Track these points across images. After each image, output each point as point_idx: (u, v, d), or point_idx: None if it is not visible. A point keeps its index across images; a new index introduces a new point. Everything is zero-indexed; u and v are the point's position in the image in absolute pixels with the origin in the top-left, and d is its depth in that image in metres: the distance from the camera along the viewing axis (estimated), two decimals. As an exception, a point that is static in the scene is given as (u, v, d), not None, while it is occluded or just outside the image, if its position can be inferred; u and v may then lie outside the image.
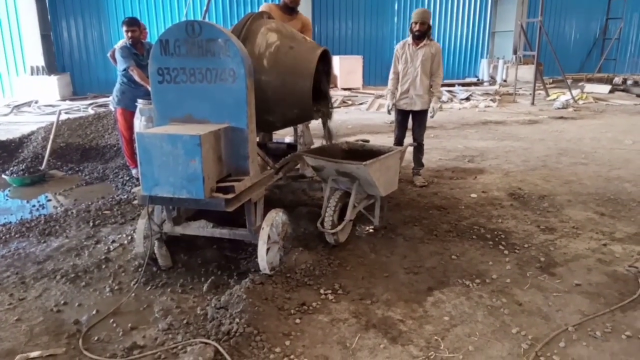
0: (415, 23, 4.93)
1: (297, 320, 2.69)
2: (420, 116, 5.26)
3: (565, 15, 19.02)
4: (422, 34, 4.95)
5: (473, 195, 5.01)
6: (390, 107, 5.28)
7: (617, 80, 15.69)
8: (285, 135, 5.95)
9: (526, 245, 3.72)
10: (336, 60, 15.67)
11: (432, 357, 2.41)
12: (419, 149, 5.40)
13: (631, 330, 2.60)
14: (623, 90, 14.41)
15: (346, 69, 15.46)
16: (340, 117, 10.77)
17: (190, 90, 3.04)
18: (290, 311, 2.77)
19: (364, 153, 4.19)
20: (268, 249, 3.13)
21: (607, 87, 14.43)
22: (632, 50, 19.94)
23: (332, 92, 12.88)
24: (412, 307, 2.86)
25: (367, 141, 4.46)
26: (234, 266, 3.39)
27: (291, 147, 4.59)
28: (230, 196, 2.80)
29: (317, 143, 6.97)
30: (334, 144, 4.27)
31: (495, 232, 3.98)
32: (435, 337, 2.56)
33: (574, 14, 19.16)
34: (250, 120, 3.01)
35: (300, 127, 4.49)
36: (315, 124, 4.16)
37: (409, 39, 5.09)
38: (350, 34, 17.03)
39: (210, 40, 2.93)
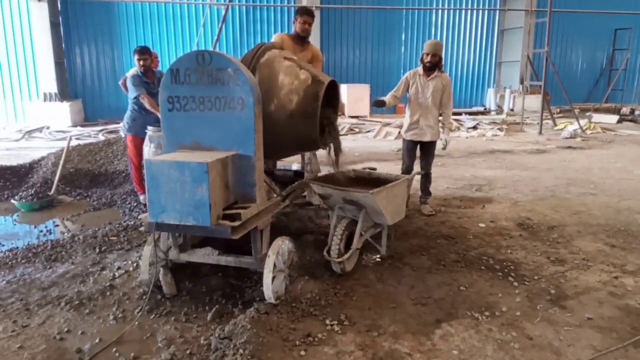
0: (427, 54, 4.92)
1: (302, 352, 2.63)
2: (429, 147, 5.25)
3: (572, 45, 19.20)
4: (434, 66, 4.94)
5: (481, 224, 4.96)
6: (387, 100, 5.02)
7: (625, 110, 15.68)
8: (292, 163, 5.98)
9: (536, 277, 3.66)
10: (344, 89, 15.86)
11: (440, 393, 2.34)
12: (426, 178, 5.41)
13: (646, 367, 2.53)
14: (631, 121, 14.40)
15: (354, 97, 15.63)
16: (347, 144, 10.83)
17: (199, 118, 3.08)
18: (295, 342, 2.71)
19: (371, 181, 4.19)
20: (274, 278, 3.09)
21: (615, 117, 14.43)
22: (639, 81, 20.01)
23: (339, 120, 13.02)
24: (419, 340, 2.80)
25: (374, 169, 4.45)
26: (239, 294, 3.35)
27: (298, 174, 4.60)
28: (236, 224, 2.79)
29: (324, 170, 6.99)
30: (341, 171, 4.28)
31: (505, 263, 3.92)
32: (444, 372, 2.50)
33: (580, 45, 19.32)
34: (257, 147, 3.03)
35: (307, 154, 4.51)
36: (323, 152, 4.19)
37: (420, 69, 5.07)
38: (357, 63, 17.28)
39: (220, 69, 2.98)
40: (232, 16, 15.34)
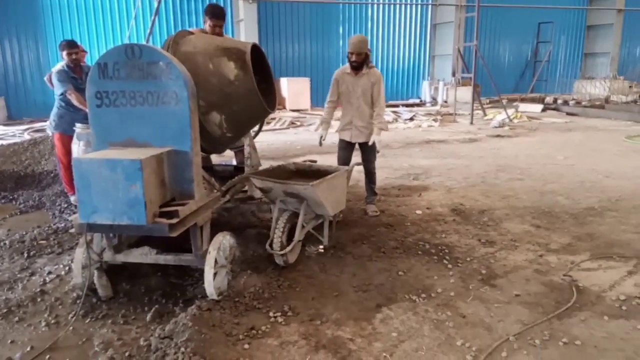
0: (352, 54, 4.57)
1: (246, 346, 2.64)
2: (365, 146, 4.94)
3: (500, 39, 20.21)
4: (360, 64, 4.62)
5: (418, 211, 5.15)
6: (323, 138, 4.85)
7: (549, 99, 16.74)
8: (231, 158, 5.91)
9: (468, 259, 3.86)
10: (284, 82, 15.86)
11: (381, 374, 2.43)
12: (370, 179, 5.13)
13: (567, 336, 2.74)
14: (554, 109, 15.40)
15: (294, 90, 15.65)
16: (289, 138, 10.84)
17: (131, 113, 2.97)
18: (238, 337, 2.71)
19: (311, 173, 4.23)
20: (215, 274, 3.07)
21: (540, 107, 15.37)
22: (561, 71, 21.41)
23: (280, 114, 12.95)
24: (361, 325, 2.88)
25: (315, 161, 4.49)
26: (180, 293, 3.29)
27: (238, 169, 4.57)
28: (174, 221, 2.74)
29: (265, 164, 6.96)
30: (282, 165, 4.30)
31: (440, 247, 4.10)
32: (384, 354, 2.59)
33: (507, 38, 20.39)
34: (194, 143, 2.97)
35: (247, 149, 4.48)
36: (264, 146, 4.18)
37: (348, 67, 4.75)
38: (297, 56, 17.29)
39: (151, 63, 2.89)
40: (166, 8, 14.85)
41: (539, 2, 19.18)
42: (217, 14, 4.32)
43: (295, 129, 12.45)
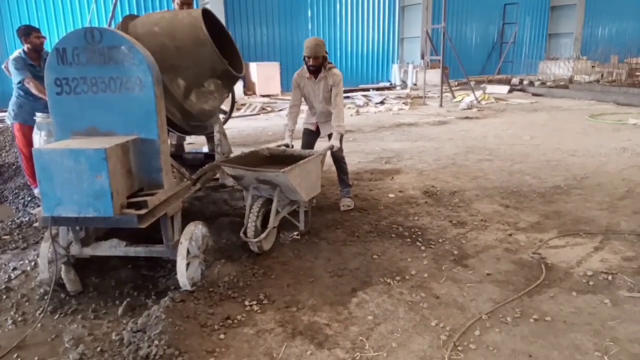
0: (309, 57, 4.31)
1: (222, 336, 2.61)
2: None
3: (466, 21, 20.38)
4: (318, 68, 4.39)
5: (391, 195, 5.18)
6: (291, 145, 4.45)
7: (515, 81, 17.05)
8: (202, 145, 5.80)
9: (441, 240, 3.91)
10: (253, 67, 15.62)
11: (357, 357, 2.44)
12: (340, 168, 4.83)
13: (538, 313, 2.81)
14: (520, 90, 15.70)
15: (264, 75, 15.45)
16: (260, 124, 10.72)
17: (93, 100, 2.86)
18: (214, 327, 2.68)
19: (285, 159, 4.15)
20: (188, 264, 3.01)
21: (506, 88, 15.65)
22: (527, 53, 21.79)
23: (251, 100, 12.77)
24: (337, 310, 2.89)
25: (288, 146, 4.42)
26: (152, 285, 3.22)
27: (209, 157, 4.47)
28: (143, 211, 2.66)
29: (236, 151, 6.85)
30: (255, 150, 4.23)
31: (413, 230, 4.14)
32: (360, 338, 2.60)
33: (474, 20, 20.58)
34: (161, 130, 2.88)
35: (217, 135, 4.39)
36: (235, 133, 4.10)
37: (305, 70, 4.49)
38: (266, 41, 17.02)
39: (113, 47, 2.77)
40: None
41: (504, -17, 19.43)
42: None
43: (266, 114, 12.32)
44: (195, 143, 7.21)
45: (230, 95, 4.52)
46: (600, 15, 22.43)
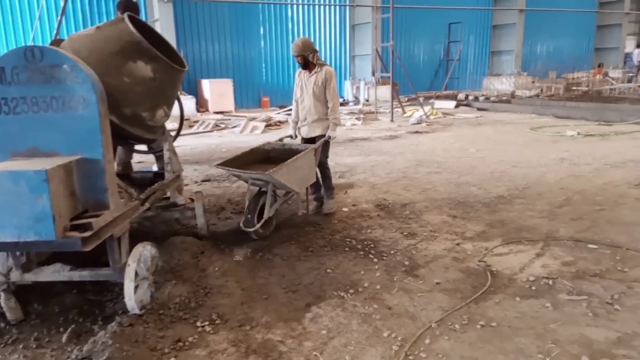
0: (295, 56, 4.84)
1: (173, 359, 2.55)
2: (320, 140, 4.94)
3: (414, 39, 21.10)
4: (305, 65, 4.84)
5: (345, 209, 5.25)
6: (294, 136, 5.21)
7: (461, 96, 17.75)
8: (152, 164, 5.69)
9: (392, 252, 4.00)
10: (206, 84, 15.50)
11: (312, 372, 2.45)
12: (324, 174, 5.13)
13: (484, 319, 2.92)
14: (466, 105, 16.34)
15: (217, 92, 15.36)
16: (213, 141, 10.61)
17: (34, 121, 2.77)
18: (164, 350, 2.61)
19: (284, 153, 4.72)
20: (137, 287, 2.93)
21: (453, 103, 16.25)
22: (472, 69, 22.75)
23: (204, 117, 12.67)
24: (291, 326, 2.89)
25: (292, 137, 5.15)
26: (99, 310, 3.11)
27: (158, 175, 4.39)
28: (87, 234, 2.58)
29: (189, 169, 6.77)
30: (259, 147, 4.84)
31: (366, 242, 4.21)
32: (315, 353, 2.61)
33: (421, 39, 21.34)
34: (106, 149, 2.82)
35: (167, 153, 4.32)
36: (187, 150, 4.05)
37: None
38: (218, 57, 16.94)
39: (54, 66, 2.71)
40: (74, 8, 13.96)
41: (448, 3, 20.27)
42: (128, 8, 4.24)
43: (220, 131, 12.21)
44: (145, 162, 7.06)
45: (179, 111, 4.48)
46: (538, 33, 23.79)
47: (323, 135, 4.93)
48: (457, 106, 16.06)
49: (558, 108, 13.63)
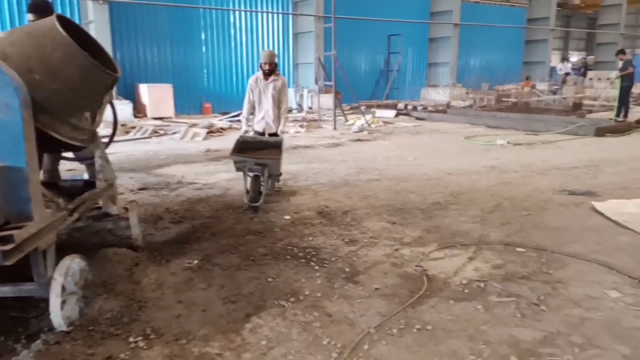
0: (265, 63, 5.96)
1: (103, 377, 2.43)
2: (275, 136, 6.30)
3: (356, 49, 21.56)
4: (271, 71, 6.00)
5: (287, 217, 5.24)
6: (245, 132, 6.22)
7: (401, 105, 18.29)
8: (83, 172, 5.41)
9: (333, 259, 4.03)
10: (144, 89, 15.01)
11: (251, 384, 2.41)
12: (275, 179, 6.20)
13: (420, 323, 3.00)
14: (405, 114, 16.86)
15: (156, 97, 14.93)
16: (151, 147, 10.28)
17: (-53, 126, 2.55)
18: (93, 368, 2.48)
19: (257, 144, 5.85)
20: (64, 302, 2.77)
21: (393, 112, 16.72)
22: (410, 80, 23.53)
23: (141, 122, 12.31)
24: (230, 337, 2.83)
25: (247, 132, 6.14)
26: (23, 328, 2.90)
27: (89, 184, 4.18)
28: (8, 247, 2.41)
29: (124, 177, 6.51)
30: (237, 140, 5.68)
31: (307, 250, 4.22)
32: (254, 364, 2.58)
33: (363, 49, 21.86)
34: (30, 157, 2.65)
35: (98, 161, 4.13)
36: (123, 157, 3.89)
37: (260, 74, 6.08)
38: (157, 62, 16.48)
39: (-29, 68, 2.52)
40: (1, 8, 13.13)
41: (388, 15, 20.89)
42: (37, 8, 4.08)
43: (159, 137, 11.85)
44: (77, 170, 6.70)
45: (113, 117, 4.30)
46: (472, 47, 25.01)
47: (275, 133, 6.25)
48: (397, 115, 16.53)
49: (489, 118, 14.37)
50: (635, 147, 9.86)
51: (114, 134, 4.31)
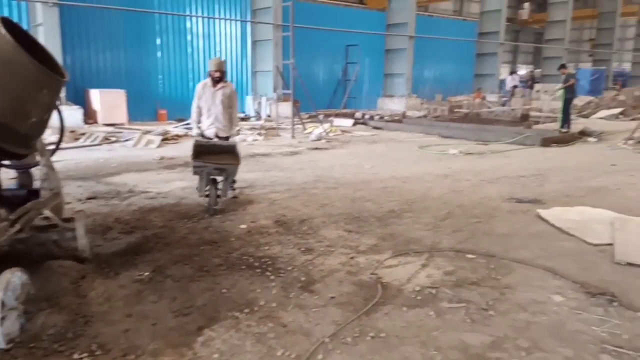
0: (214, 71, 6.13)
1: (44, 397, 2.30)
2: (226, 139, 6.44)
3: (314, 59, 21.74)
4: (220, 79, 6.18)
5: (243, 226, 5.18)
6: (196, 134, 6.41)
7: (358, 115, 18.53)
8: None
9: (289, 268, 4.01)
10: (95, 94, 14.54)
11: (202, 399, 2.36)
12: (230, 182, 6.24)
13: (374, 330, 3.03)
14: (363, 124, 17.09)
15: (108, 103, 14.51)
16: (102, 155, 9.95)
17: None
18: (34, 388, 2.36)
19: (212, 148, 5.86)
20: (3, 318, 2.62)
21: (351, 121, 16.92)
22: (367, 90, 23.92)
23: (92, 129, 11.94)
24: (181, 351, 2.76)
25: (200, 136, 6.26)
26: (-45, 348, 2.72)
27: (33, 193, 3.99)
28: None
29: (72, 185, 6.28)
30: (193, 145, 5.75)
31: (263, 260, 4.19)
32: (206, 378, 2.52)
33: (321, 58, 22.06)
34: (-35, 166, 2.51)
35: (43, 169, 3.95)
36: (72, 165, 3.72)
37: (208, 81, 6.22)
38: (110, 67, 16.01)
39: None
40: None
41: (345, 26, 21.19)
42: None
43: (110, 145, 11.48)
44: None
45: (59, 123, 4.13)
46: (426, 59, 25.71)
47: (227, 137, 6.41)
48: (354, 124, 16.73)
49: (443, 128, 14.79)
50: (579, 156, 10.40)
51: (60, 140, 4.14)
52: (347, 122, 16.69)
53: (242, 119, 17.49)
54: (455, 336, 2.99)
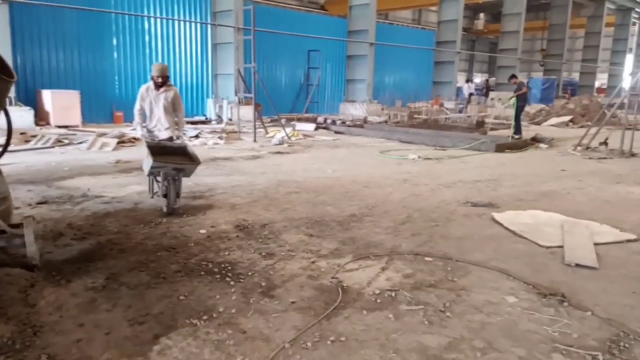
0: (157, 77, 6.18)
1: (-13, 414, 2.18)
2: (169, 141, 6.43)
3: (277, 63, 21.70)
4: (163, 84, 6.23)
5: (202, 231, 5.10)
6: (141, 135, 6.52)
7: (320, 119, 18.59)
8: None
9: (250, 273, 3.97)
10: (47, 95, 14.00)
11: (158, 409, 2.29)
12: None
13: (334, 335, 3.04)
14: (325, 128, 17.17)
15: (61, 104, 13.98)
16: (55, 158, 9.56)
17: None
18: (-24, 404, 2.23)
19: (164, 149, 5.94)
20: (-59, 332, 2.46)
21: (313, 126, 16.97)
22: (329, 95, 24.09)
23: (44, 131, 11.55)
24: (136, 361, 2.68)
25: (145, 137, 6.28)
26: None
27: (-23, 198, 3.79)
28: None
29: (22, 189, 6.02)
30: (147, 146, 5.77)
31: (223, 265, 4.13)
32: (162, 387, 2.46)
33: (283, 63, 22.04)
34: None
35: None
36: (22, 168, 3.55)
37: (151, 84, 6.26)
38: (63, 67, 15.42)
39: None
40: None
41: (307, 31, 21.28)
42: None
43: (63, 147, 11.05)
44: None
45: (7, 125, 3.95)
46: (386, 65, 26.15)
47: (169, 138, 6.39)
48: (316, 129, 16.79)
49: (403, 134, 15.05)
50: (531, 162, 10.83)
51: (8, 142, 3.96)
52: (309, 127, 16.74)
53: (203, 122, 17.28)
54: (414, 338, 3.04)
